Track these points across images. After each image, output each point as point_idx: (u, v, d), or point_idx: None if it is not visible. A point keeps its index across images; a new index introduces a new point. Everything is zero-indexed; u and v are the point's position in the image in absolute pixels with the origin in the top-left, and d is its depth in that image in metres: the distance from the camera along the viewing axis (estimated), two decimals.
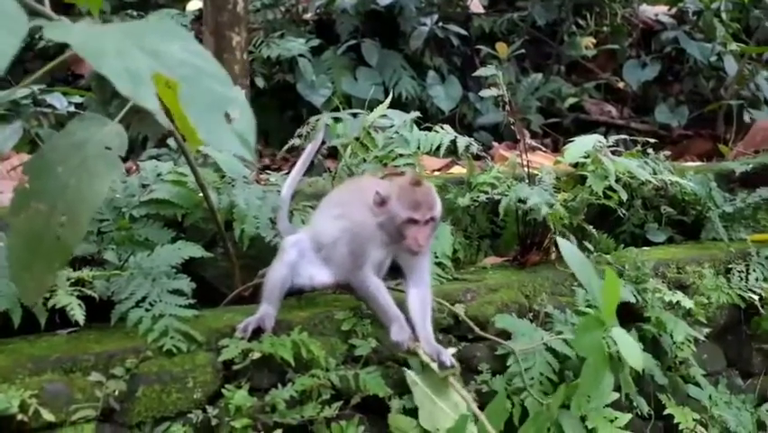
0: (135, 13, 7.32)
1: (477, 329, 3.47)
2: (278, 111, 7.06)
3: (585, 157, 4.11)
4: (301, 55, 6.93)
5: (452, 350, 3.29)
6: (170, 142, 4.46)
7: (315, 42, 7.24)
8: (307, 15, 8.12)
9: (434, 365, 3.09)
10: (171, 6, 7.77)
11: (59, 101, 5.31)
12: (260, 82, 6.83)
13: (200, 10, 6.70)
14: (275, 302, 3.12)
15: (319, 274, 3.24)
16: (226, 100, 1.92)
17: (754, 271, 4.50)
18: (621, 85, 8.21)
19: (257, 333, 3.00)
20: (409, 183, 3.09)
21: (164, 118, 1.94)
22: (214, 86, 1.94)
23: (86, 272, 3.03)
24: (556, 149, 6.03)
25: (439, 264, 3.74)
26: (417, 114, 4.32)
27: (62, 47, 6.18)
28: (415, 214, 3.03)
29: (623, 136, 4.60)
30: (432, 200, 3.10)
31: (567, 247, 3.09)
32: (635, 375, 3.73)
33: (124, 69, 1.83)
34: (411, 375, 3.13)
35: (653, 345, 3.91)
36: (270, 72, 7.05)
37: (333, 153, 4.52)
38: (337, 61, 7.34)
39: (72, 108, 5.37)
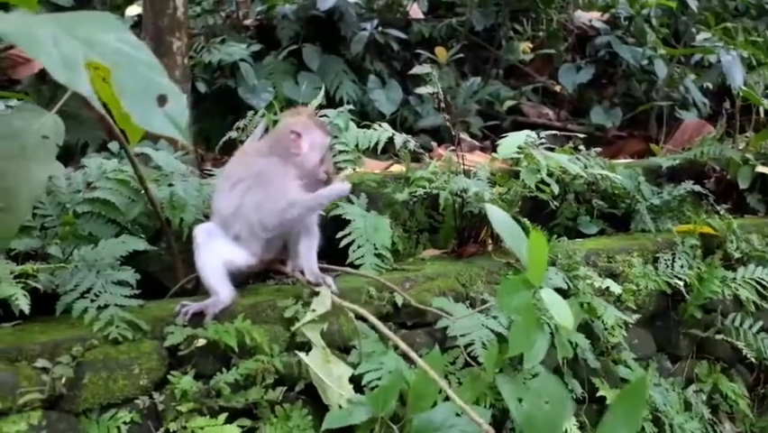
0: None
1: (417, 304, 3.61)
2: (220, 116, 7.07)
3: (519, 153, 4.29)
4: (242, 60, 6.93)
5: (330, 279, 3.44)
6: (111, 146, 4.49)
7: (257, 47, 7.25)
8: (248, 21, 8.17)
9: (324, 289, 3.32)
10: (110, 11, 7.74)
11: None
12: (201, 87, 6.84)
13: (140, 15, 6.71)
14: (217, 288, 3.20)
15: (239, 256, 3.35)
16: (159, 86, 2.01)
17: (679, 259, 4.71)
18: (557, 88, 8.38)
19: (197, 317, 3.09)
20: (311, 113, 3.46)
21: (98, 105, 2.02)
22: (147, 73, 2.04)
23: (29, 266, 3.07)
24: (495, 151, 6.16)
25: (378, 255, 3.85)
26: (350, 106, 4.48)
27: None
28: (330, 138, 3.47)
29: (554, 132, 4.75)
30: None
31: (495, 212, 3.15)
32: (569, 359, 3.91)
33: (60, 57, 1.91)
34: (302, 357, 3.20)
35: (585, 331, 4.05)
36: (212, 77, 7.06)
37: None
38: (278, 66, 7.36)
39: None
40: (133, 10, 7.50)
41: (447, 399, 3.11)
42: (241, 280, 3.46)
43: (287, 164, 3.33)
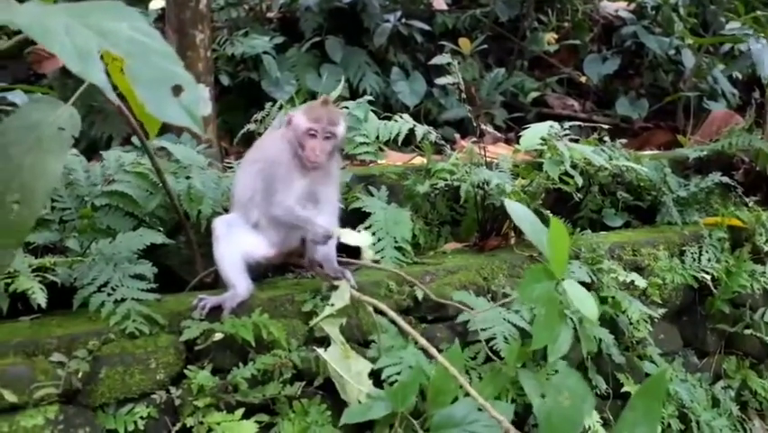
0: None
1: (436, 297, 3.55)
2: (244, 108, 7.03)
3: (542, 144, 4.22)
4: (265, 52, 6.90)
5: (349, 273, 3.37)
6: (135, 140, 4.49)
7: (280, 40, 7.21)
8: (271, 13, 8.14)
9: (343, 283, 3.26)
10: (134, 5, 7.72)
11: (20, 98, 5.28)
12: (224, 80, 6.82)
13: (163, 8, 6.69)
14: (235, 281, 3.18)
15: (258, 247, 3.33)
16: (173, 75, 1.97)
17: (707, 252, 4.60)
18: (583, 79, 8.28)
19: (215, 311, 3.07)
20: (318, 102, 3.31)
21: (113, 95, 1.99)
22: (161, 62, 1.99)
23: (47, 259, 3.07)
24: (519, 142, 6.07)
25: (399, 249, 3.82)
26: (370, 97, 4.43)
27: (23, 46, 6.08)
28: (314, 125, 3.21)
29: (578, 123, 4.67)
30: (334, 117, 3.28)
31: (515, 206, 3.09)
32: (594, 354, 3.84)
33: (73, 47, 1.88)
34: (321, 353, 3.15)
35: (610, 325, 3.98)
36: (235, 70, 7.04)
37: None
38: (301, 58, 7.33)
39: None
40: (157, 3, 7.47)
41: (468, 394, 3.07)
42: (259, 273, 3.44)
43: (293, 155, 3.30)
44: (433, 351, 3.10)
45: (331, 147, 3.30)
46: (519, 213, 3.04)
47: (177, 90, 1.95)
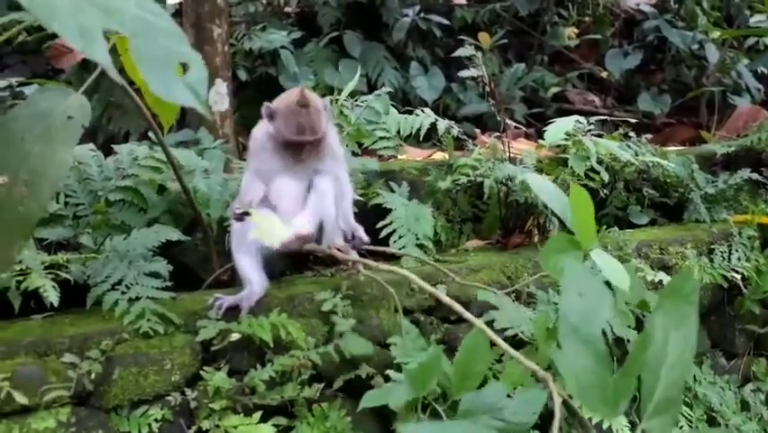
0: None
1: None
2: (261, 104, 6.98)
3: (566, 140, 4.12)
4: (283, 47, 6.81)
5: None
6: (152, 135, 4.40)
7: (298, 35, 7.14)
8: (289, 8, 8.06)
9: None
10: None
11: None
12: (242, 75, 6.74)
13: (181, 3, 6.63)
14: (250, 275, 3.11)
15: None
16: (179, 55, 1.89)
17: (736, 251, 4.48)
18: (604, 74, 8.15)
19: (232, 311, 2.99)
20: (296, 104, 3.13)
21: (116, 75, 1.90)
22: (167, 42, 1.92)
23: (60, 256, 2.99)
24: (540, 138, 5.96)
25: (420, 246, 3.72)
26: (388, 88, 4.34)
27: (42, 41, 6.01)
28: (295, 137, 3.12)
29: (602, 118, 4.57)
30: (316, 123, 3.14)
31: (536, 180, 2.95)
32: (620, 356, 3.72)
33: (76, 26, 1.79)
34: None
35: (637, 326, 3.86)
36: (253, 65, 6.96)
37: None
38: (320, 53, 7.25)
39: None
40: None
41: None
42: (277, 270, 3.35)
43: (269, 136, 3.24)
44: (468, 316, 2.90)
45: (318, 148, 3.19)
46: (541, 187, 2.88)
47: (183, 71, 1.88)
